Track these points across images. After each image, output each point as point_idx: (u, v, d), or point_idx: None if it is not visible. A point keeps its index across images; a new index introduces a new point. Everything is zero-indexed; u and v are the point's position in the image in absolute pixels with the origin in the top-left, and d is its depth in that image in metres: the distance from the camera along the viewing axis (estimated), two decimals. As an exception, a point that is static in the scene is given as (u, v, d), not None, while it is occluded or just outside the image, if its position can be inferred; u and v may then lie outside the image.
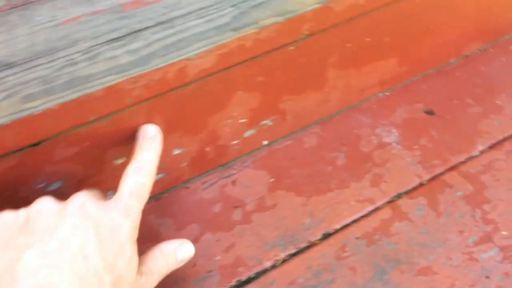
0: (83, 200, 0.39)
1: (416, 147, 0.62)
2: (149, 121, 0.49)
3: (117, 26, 0.48)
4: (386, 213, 0.56)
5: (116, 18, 0.48)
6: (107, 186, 0.52)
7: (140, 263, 0.41)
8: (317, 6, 0.50)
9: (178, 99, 0.49)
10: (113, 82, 0.43)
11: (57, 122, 0.43)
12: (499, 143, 0.61)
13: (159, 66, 0.44)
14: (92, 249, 0.36)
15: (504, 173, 0.58)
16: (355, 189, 0.58)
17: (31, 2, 0.51)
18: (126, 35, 0.47)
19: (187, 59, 0.46)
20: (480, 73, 0.70)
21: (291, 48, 0.53)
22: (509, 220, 0.53)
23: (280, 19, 0.49)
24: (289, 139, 0.64)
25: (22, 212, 0.39)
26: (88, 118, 0.44)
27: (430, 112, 0.65)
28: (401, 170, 0.60)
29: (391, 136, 0.63)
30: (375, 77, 0.65)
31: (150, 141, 0.47)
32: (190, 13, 0.49)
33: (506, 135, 0.62)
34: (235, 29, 0.47)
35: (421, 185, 0.58)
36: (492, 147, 0.61)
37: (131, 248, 0.39)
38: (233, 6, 0.49)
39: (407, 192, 0.57)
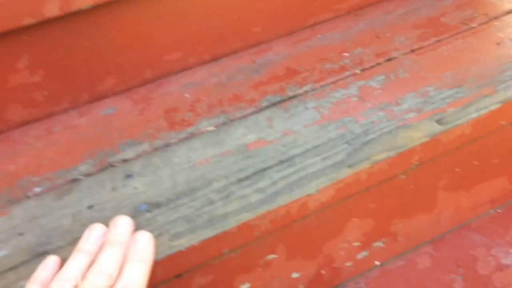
0: None
1: (538, 269, 0.59)
2: (273, 249, 0.54)
3: (244, 165, 0.54)
4: None
5: (242, 158, 0.55)
6: (231, 310, 0.55)
7: None
8: (425, 139, 0.53)
9: (299, 229, 0.53)
10: (246, 220, 0.48)
11: (198, 256, 0.48)
12: None
13: (284, 203, 0.49)
14: None
15: None
16: (478, 316, 0.56)
17: (169, 145, 0.59)
18: (253, 174, 0.53)
19: (308, 195, 0.50)
20: None
21: (402, 177, 0.56)
22: None
23: (391, 153, 0.52)
24: (400, 259, 0.64)
25: None
26: (223, 251, 0.49)
27: (550, 231, 0.63)
28: (526, 295, 0.57)
29: (510, 257, 0.61)
30: (486, 195, 0.65)
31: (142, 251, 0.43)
32: (308, 151, 0.54)
33: None
34: (350, 166, 0.51)
35: (551, 313, 0.55)
36: None
37: None
38: (346, 143, 0.54)
39: (537, 322, 0.54)
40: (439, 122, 0.54)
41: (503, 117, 0.57)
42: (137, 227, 0.49)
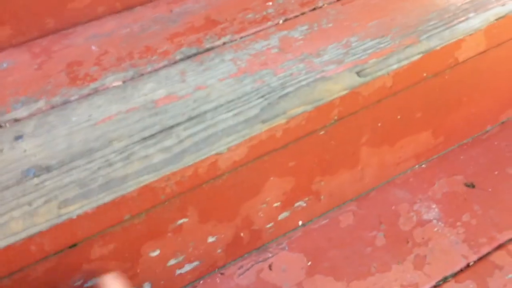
0: None
1: (459, 224, 0.59)
2: (183, 213, 0.50)
3: (150, 123, 0.49)
4: (432, 299, 0.53)
5: (149, 115, 0.50)
6: (142, 278, 0.52)
7: None
8: (344, 92, 0.50)
9: (211, 190, 0.49)
10: (147, 182, 0.44)
11: (93, 224, 0.43)
12: (549, 217, 0.58)
13: (191, 163, 0.45)
14: None
15: (558, 251, 0.54)
16: (398, 272, 0.56)
17: (69, 102, 0.53)
18: (158, 132, 0.48)
19: (218, 153, 0.46)
20: (520, 140, 0.68)
21: (321, 132, 0.53)
22: None
23: (308, 107, 0.49)
24: (324, 218, 0.62)
25: None
26: (123, 217, 0.45)
27: (470, 185, 0.63)
28: (445, 250, 0.57)
29: (431, 212, 0.61)
30: (410, 150, 0.64)
31: None
32: (220, 106, 0.50)
33: (555, 208, 0.58)
34: (264, 121, 0.48)
35: (468, 266, 0.55)
36: (541, 221, 0.58)
37: None
38: (261, 97, 0.50)
39: (454, 275, 0.54)
40: (359, 74, 0.51)
41: (426, 68, 0.54)
42: (23, 194, 0.43)
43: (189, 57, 0.58)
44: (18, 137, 0.49)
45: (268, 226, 0.58)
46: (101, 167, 0.45)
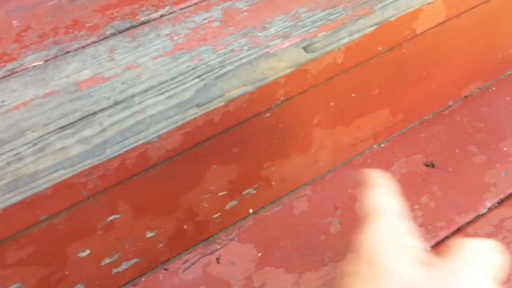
0: None
1: (417, 206, 0.56)
2: (113, 209, 0.45)
3: (70, 109, 0.43)
4: (387, 290, 0.49)
5: (69, 100, 0.44)
6: (73, 280, 0.47)
7: None
8: (290, 70, 0.45)
9: (143, 183, 0.44)
10: (63, 178, 0.38)
11: (3, 227, 0.38)
12: (509, 197, 0.55)
13: (115, 155, 0.40)
14: None
15: (518, 235, 0.52)
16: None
17: (-19, 86, 0.47)
18: (78, 119, 0.42)
19: (147, 142, 0.41)
20: (483, 115, 0.64)
21: (267, 115, 0.48)
22: (528, 294, 0.47)
23: (249, 88, 0.44)
24: (277, 205, 0.58)
25: None
26: (39, 218, 0.39)
27: (430, 165, 0.60)
28: (402, 235, 0.53)
29: (389, 195, 0.57)
30: (367, 130, 0.60)
31: None
32: (151, 88, 0.44)
33: (516, 188, 0.56)
34: (199, 105, 0.42)
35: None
36: (501, 202, 0.55)
37: None
38: (197, 77, 0.45)
39: (410, 263, 0.51)
40: (306, 49, 0.46)
41: (380, 41, 0.50)
42: None
43: (121, 32, 0.52)
44: None
45: (215, 216, 0.54)
46: (9, 162, 0.39)
